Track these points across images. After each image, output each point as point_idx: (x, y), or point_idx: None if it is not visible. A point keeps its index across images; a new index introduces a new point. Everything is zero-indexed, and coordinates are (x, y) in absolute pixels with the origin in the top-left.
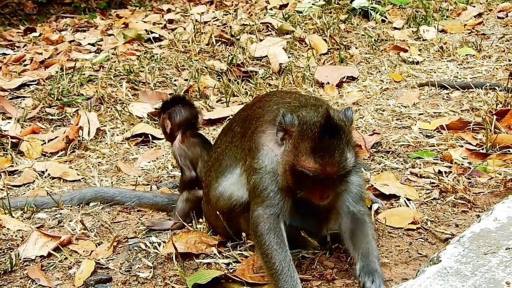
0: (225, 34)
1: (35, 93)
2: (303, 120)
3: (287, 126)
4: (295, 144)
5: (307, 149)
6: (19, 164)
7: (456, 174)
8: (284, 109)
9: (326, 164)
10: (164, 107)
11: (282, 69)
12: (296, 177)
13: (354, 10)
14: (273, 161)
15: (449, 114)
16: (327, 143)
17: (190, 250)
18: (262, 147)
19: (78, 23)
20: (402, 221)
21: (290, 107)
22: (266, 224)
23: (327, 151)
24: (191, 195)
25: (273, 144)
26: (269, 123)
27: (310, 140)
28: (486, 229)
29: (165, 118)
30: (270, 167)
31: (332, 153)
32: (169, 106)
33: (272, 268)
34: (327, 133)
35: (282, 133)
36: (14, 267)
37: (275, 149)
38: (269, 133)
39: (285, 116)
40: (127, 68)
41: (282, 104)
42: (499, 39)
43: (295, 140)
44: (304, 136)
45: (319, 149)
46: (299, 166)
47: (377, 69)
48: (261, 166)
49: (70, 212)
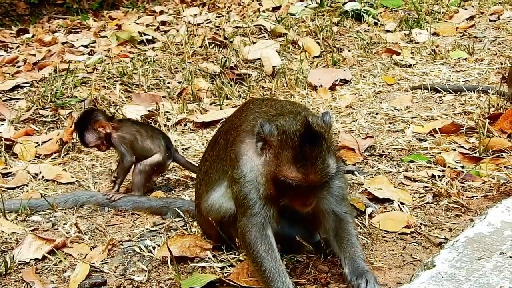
0: (218, 36)
1: (28, 95)
2: (282, 129)
3: (266, 136)
4: (275, 153)
5: (288, 159)
6: (13, 166)
7: (449, 178)
8: (261, 118)
9: (309, 172)
10: (87, 121)
11: (275, 71)
12: (278, 186)
13: (347, 12)
14: (253, 170)
15: (442, 117)
16: (308, 152)
17: (184, 253)
18: (241, 157)
19: (71, 24)
20: (396, 225)
21: (267, 116)
22: (252, 233)
23: (309, 159)
24: (142, 165)
25: (252, 153)
26: (247, 133)
27: (291, 149)
28: (480, 233)
29: (99, 124)
30: (249, 176)
31: (314, 161)
32: (89, 117)
33: (264, 275)
34: (308, 141)
35: (261, 142)
36: (9, 270)
37: (254, 158)
38: (248, 142)
39: (263, 126)
40: (121, 70)
41: (258, 113)
42: (491, 42)
43: (275, 150)
44: (284, 145)
45: (300, 158)
46: (281, 176)
47: (370, 72)
48: (240, 175)
49: (65, 215)
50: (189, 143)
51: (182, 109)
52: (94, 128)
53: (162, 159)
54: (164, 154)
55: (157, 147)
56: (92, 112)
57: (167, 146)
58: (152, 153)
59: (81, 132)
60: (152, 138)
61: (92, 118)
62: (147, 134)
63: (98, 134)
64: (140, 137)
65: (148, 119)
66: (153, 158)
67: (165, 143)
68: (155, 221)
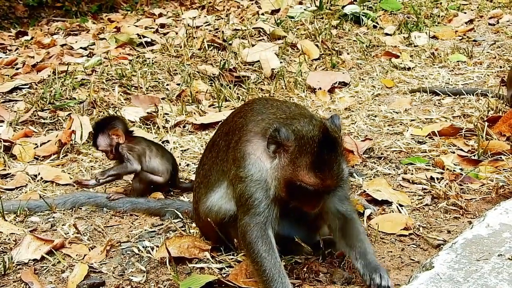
0: (217, 39)
1: (27, 97)
2: (300, 134)
3: (283, 141)
4: (292, 158)
5: (306, 164)
6: (12, 167)
7: (448, 180)
8: (271, 120)
9: (326, 178)
10: (105, 125)
11: (274, 74)
12: (291, 190)
13: (346, 15)
14: (262, 170)
15: (441, 120)
16: (325, 157)
17: (183, 254)
18: (248, 156)
19: (70, 26)
20: (394, 227)
21: (277, 119)
22: (253, 233)
23: (326, 165)
24: (144, 175)
25: (261, 154)
26: (255, 133)
27: (309, 154)
28: (479, 235)
29: (115, 132)
30: (257, 175)
31: (331, 166)
32: (108, 122)
33: (263, 275)
34: (325, 147)
35: (274, 146)
36: (7, 271)
37: (264, 159)
38: (256, 142)
39: (279, 130)
40: (120, 72)
41: (266, 114)
42: (490, 46)
43: (292, 155)
44: (302, 150)
45: (318, 164)
46: (298, 181)
47: (369, 75)
48: (247, 174)
49: (63, 216)
50: (188, 145)
51: (181, 111)
52: (109, 134)
53: (164, 183)
54: (167, 179)
55: (165, 171)
56: (114, 118)
57: (173, 172)
58: (157, 174)
59: (96, 133)
60: (162, 159)
61: (110, 123)
62: (157, 152)
63: (111, 140)
64: (150, 153)
65: (147, 121)
66: (157, 178)
67: (173, 170)
68: (153, 222)
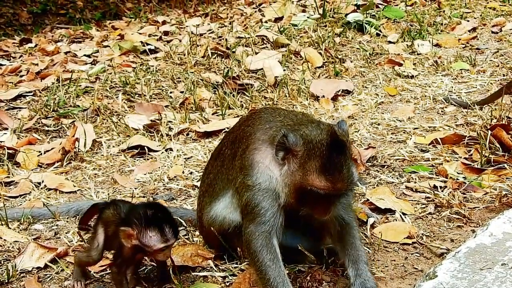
0: (221, 46)
1: (31, 104)
2: (308, 138)
3: (291, 146)
4: (301, 163)
5: (316, 168)
6: (15, 175)
7: (451, 189)
8: (278, 128)
9: (337, 181)
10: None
11: (277, 82)
12: (302, 195)
13: (349, 23)
14: (270, 178)
15: (444, 128)
16: (335, 161)
17: (186, 263)
18: (257, 164)
19: (74, 34)
20: (397, 236)
21: (285, 126)
22: (258, 241)
23: (337, 168)
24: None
25: (269, 162)
26: (263, 141)
27: (318, 158)
28: (482, 244)
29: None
30: (265, 184)
31: (341, 169)
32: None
33: (267, 284)
34: (334, 150)
35: (282, 152)
36: (11, 279)
37: (273, 167)
38: (264, 150)
39: (287, 136)
40: (123, 79)
41: (274, 122)
42: (493, 54)
43: (301, 160)
44: (311, 155)
45: (328, 167)
46: (308, 185)
47: (372, 83)
48: (255, 183)
49: (67, 224)
50: (191, 152)
51: (184, 119)
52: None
53: None
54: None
55: None
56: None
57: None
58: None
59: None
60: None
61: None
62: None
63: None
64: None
65: (151, 129)
66: None
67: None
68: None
